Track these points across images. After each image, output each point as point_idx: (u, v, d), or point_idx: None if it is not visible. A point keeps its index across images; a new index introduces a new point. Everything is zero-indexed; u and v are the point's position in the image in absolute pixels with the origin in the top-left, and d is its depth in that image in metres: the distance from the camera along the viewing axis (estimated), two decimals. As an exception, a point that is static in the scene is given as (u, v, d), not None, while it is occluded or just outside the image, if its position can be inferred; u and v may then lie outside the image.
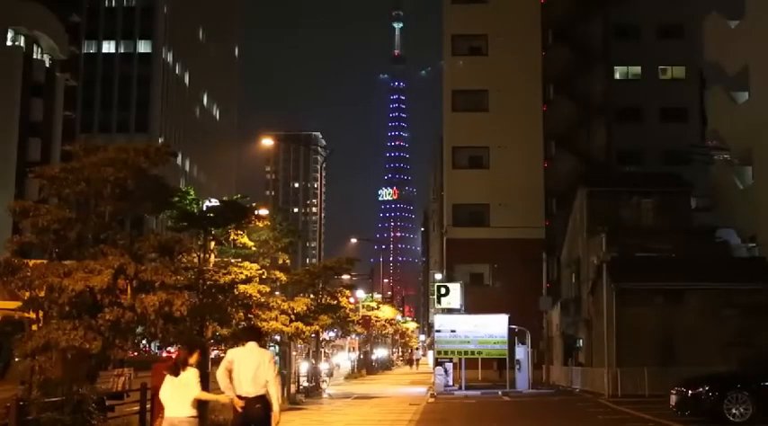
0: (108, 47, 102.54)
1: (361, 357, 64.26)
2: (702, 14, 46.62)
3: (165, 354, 49.85)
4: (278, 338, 28.22)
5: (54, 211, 13.19)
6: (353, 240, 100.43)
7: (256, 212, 22.41)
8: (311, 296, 30.19)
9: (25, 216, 13.27)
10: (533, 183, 48.24)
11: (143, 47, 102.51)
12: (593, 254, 33.88)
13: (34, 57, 64.65)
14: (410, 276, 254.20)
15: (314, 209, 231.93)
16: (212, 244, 20.77)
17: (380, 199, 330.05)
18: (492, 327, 33.89)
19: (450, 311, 38.78)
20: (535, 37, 50.25)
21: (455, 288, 39.69)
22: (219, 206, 21.58)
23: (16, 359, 12.96)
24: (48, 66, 65.93)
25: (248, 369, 9.00)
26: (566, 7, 50.80)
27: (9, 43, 62.76)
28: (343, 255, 38.34)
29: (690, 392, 17.77)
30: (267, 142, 52.42)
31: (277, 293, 27.14)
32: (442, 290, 39.85)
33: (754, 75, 39.80)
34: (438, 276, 61.55)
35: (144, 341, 47.31)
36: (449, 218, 50.69)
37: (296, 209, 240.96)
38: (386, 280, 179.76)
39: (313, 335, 33.95)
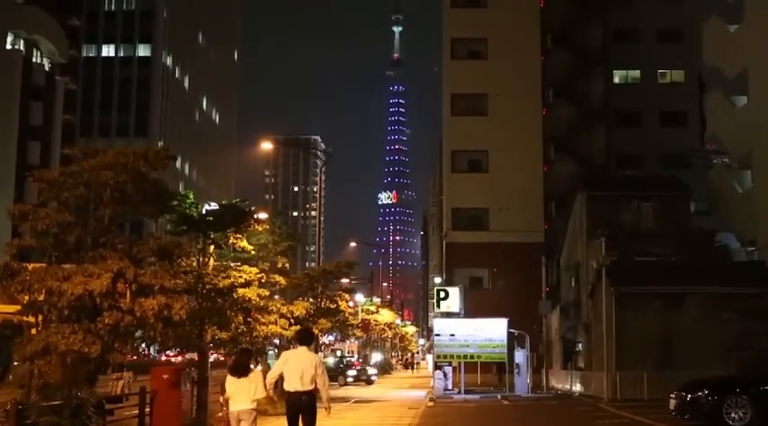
0: (107, 50, 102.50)
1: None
2: (701, 18, 46.71)
3: (164, 358, 49.94)
4: (277, 342, 28.23)
5: (53, 215, 13.15)
6: (353, 244, 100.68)
7: (255, 216, 22.44)
8: (311, 299, 30.17)
9: (24, 219, 13.24)
10: (533, 187, 48.20)
11: (142, 50, 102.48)
12: (592, 258, 33.85)
13: (34, 60, 64.73)
14: (409, 280, 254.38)
15: (313, 213, 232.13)
16: (211, 247, 20.77)
17: (380, 202, 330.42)
18: (491, 331, 33.86)
19: (449, 315, 38.75)
20: (534, 41, 50.24)
21: (454, 292, 39.67)
22: (219, 210, 21.59)
23: (15, 363, 12.94)
24: (47, 69, 66.01)
25: (296, 369, 10.44)
26: (565, 11, 50.88)
27: (9, 47, 62.84)
28: (343, 259, 38.39)
29: (689, 396, 17.74)
30: (267, 146, 52.40)
31: (276, 297, 27.12)
32: (442, 294, 39.83)
33: (753, 78, 39.87)
34: (437, 280, 61.49)
35: (143, 345, 47.55)
36: (448, 222, 50.66)
37: (295, 213, 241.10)
38: (385, 284, 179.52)
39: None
